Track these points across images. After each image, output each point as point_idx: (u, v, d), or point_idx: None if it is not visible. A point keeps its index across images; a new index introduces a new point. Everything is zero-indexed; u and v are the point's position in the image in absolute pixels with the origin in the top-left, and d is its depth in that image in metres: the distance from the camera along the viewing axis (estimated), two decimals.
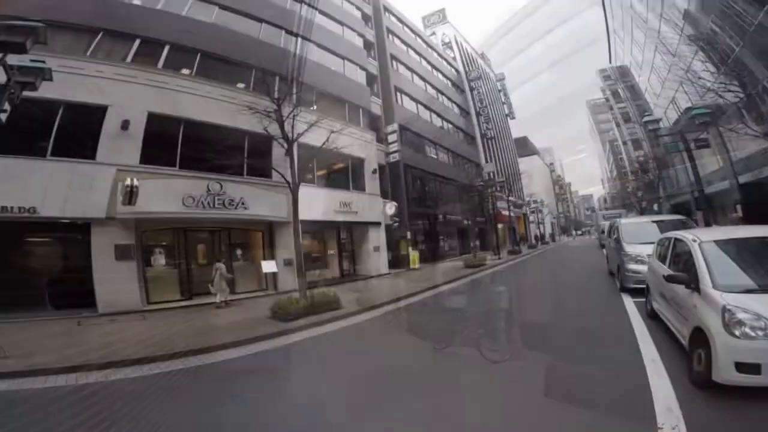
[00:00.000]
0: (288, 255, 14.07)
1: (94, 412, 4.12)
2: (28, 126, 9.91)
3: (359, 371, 5.35)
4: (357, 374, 5.22)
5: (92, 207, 10.43)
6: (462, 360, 5.35)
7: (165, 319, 9.42)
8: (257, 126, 10.04)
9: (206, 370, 5.81)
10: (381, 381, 4.84)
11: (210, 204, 12.01)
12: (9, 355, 5.85)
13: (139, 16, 13.15)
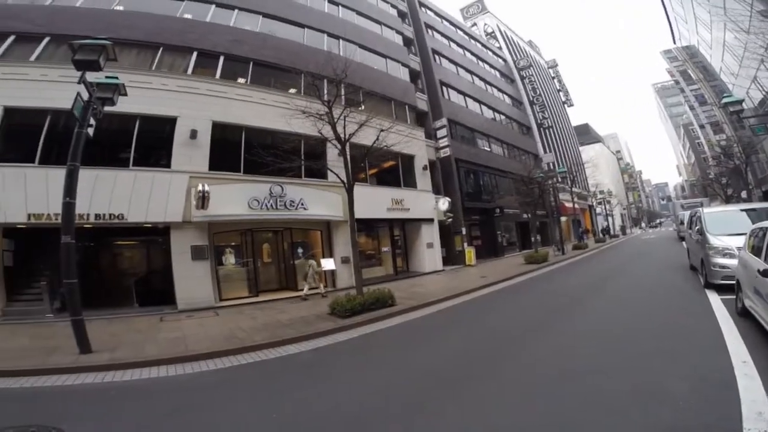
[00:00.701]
0: (345, 253, 14.53)
1: (167, 405, 4.55)
2: (112, 139, 11.20)
3: (413, 368, 5.40)
4: (411, 371, 5.27)
5: (170, 212, 11.41)
6: (521, 362, 5.21)
7: (234, 315, 10.09)
8: (311, 129, 10.39)
9: (271, 364, 6.16)
10: (434, 379, 4.86)
11: (273, 206, 12.72)
12: (96, 350, 6.54)
13: (192, 29, 14.21)
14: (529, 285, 13.30)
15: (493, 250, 24.61)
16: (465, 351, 6.06)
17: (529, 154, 33.99)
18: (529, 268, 16.84)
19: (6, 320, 9.81)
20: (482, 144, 27.56)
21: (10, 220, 10.04)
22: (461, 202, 22.04)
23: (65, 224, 6.68)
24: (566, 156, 44.52)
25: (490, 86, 32.30)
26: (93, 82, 7.01)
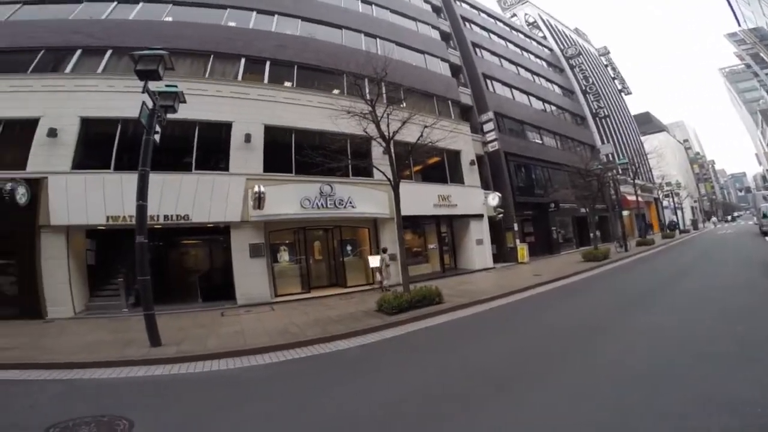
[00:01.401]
0: (391, 250, 14.57)
1: (224, 397, 4.80)
2: (175, 145, 12.02)
3: (460, 367, 5.33)
4: (457, 369, 5.20)
5: (230, 212, 12.08)
6: (577, 364, 4.95)
7: (288, 311, 10.50)
8: (357, 128, 10.55)
9: (321, 359, 6.35)
10: (481, 378, 4.75)
11: (323, 204, 13.07)
12: (165, 343, 7.07)
13: (238, 36, 14.95)
14: (588, 284, 12.62)
15: (547, 246, 23.54)
16: (517, 351, 5.89)
17: (584, 146, 32.15)
18: (588, 266, 15.94)
19: (89, 314, 10.88)
20: (532, 136, 26.40)
21: (92, 222, 11.10)
22: (512, 197, 21.30)
23: (139, 225, 7.29)
24: (626, 146, 41.58)
25: (537, 77, 30.93)
26: (155, 90, 7.57)
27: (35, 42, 12.73)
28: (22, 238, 10.50)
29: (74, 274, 11.03)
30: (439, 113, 16.84)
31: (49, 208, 10.58)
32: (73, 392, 4.99)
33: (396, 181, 10.23)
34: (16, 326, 9.10)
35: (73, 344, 7.36)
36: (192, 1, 15.52)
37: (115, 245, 12.45)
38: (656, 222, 44.24)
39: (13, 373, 5.74)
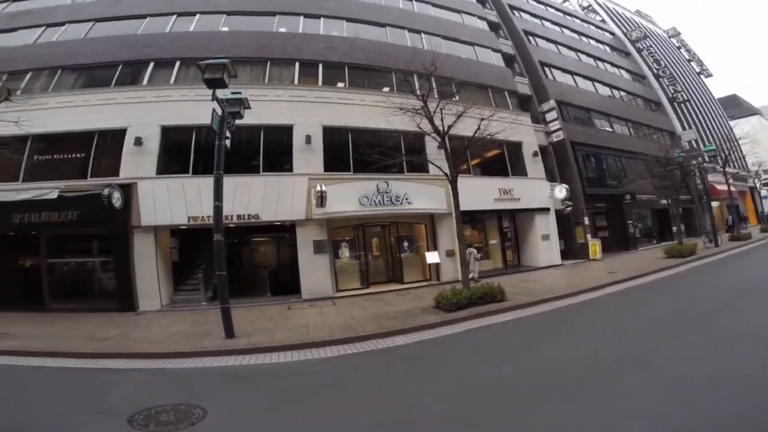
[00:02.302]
0: (449, 246, 14.39)
1: (289, 388, 5.07)
2: (244, 149, 12.84)
3: (522, 367, 5.12)
4: (519, 370, 5.00)
5: (295, 211, 12.68)
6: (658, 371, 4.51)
7: (348, 306, 10.77)
8: (410, 124, 10.52)
9: (378, 354, 6.46)
10: (545, 380, 4.51)
11: (380, 201, 13.25)
12: (238, 335, 7.59)
13: (290, 41, 15.58)
14: (672, 282, 11.47)
15: (622, 241, 21.68)
16: (585, 353, 5.51)
17: (662, 132, 29.23)
18: (671, 263, 14.45)
19: (173, 307, 12.01)
20: (601, 124, 24.45)
21: (176, 222, 12.24)
22: (582, 189, 19.88)
23: (216, 224, 7.92)
24: (712, 132, 36.94)
25: (600, 62, 28.73)
26: (222, 98, 8.15)
27: (114, 57, 14.36)
28: (119, 238, 11.87)
29: (161, 270, 12.22)
30: (496, 105, 16.25)
31: (139, 211, 11.83)
32: (157, 381, 5.51)
33: (453, 176, 10.04)
34: (113, 318, 10.30)
35: (159, 335, 8.15)
36: (243, 10, 16.57)
37: (195, 243, 13.69)
38: (752, 214, 38.86)
39: (108, 361, 6.46)
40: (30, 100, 11.59)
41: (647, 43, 34.92)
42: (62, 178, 12.08)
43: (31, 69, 14.18)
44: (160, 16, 16.03)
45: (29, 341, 7.54)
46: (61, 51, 14.64)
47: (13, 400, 4.77)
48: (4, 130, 9.63)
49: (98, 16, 16.06)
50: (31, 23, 15.99)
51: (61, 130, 12.45)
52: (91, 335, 8.09)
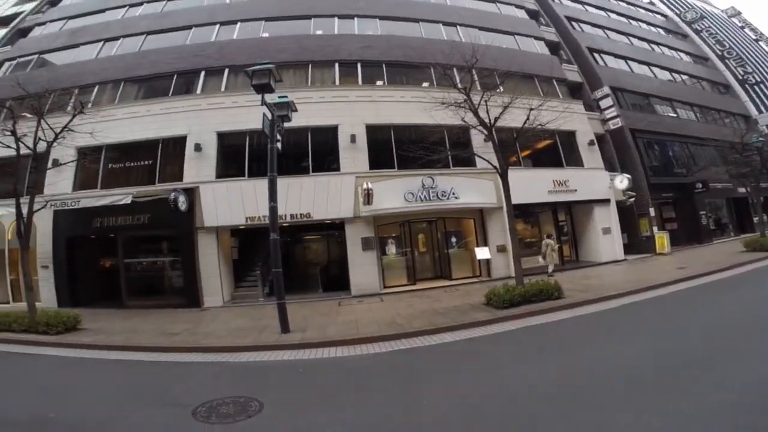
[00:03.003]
0: (500, 241, 13.96)
1: (339, 383, 5.19)
2: (294, 151, 13.29)
3: (580, 368, 4.86)
4: (577, 371, 4.75)
5: (344, 209, 12.95)
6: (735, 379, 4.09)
7: (395, 302, 10.82)
8: (453, 118, 10.33)
9: (426, 351, 6.42)
10: (600, 383, 4.25)
11: (426, 197, 13.17)
12: (292, 330, 7.89)
13: (327, 43, 15.96)
14: (754, 278, 10.31)
15: (694, 234, 19.80)
16: (649, 355, 5.11)
17: (735, 116, 26.54)
18: (752, 257, 13.02)
19: (233, 303, 12.73)
20: (662, 110, 22.54)
21: (235, 223, 12.96)
22: (646, 179, 18.42)
23: (272, 223, 8.28)
24: None
25: (656, 45, 26.53)
26: (271, 102, 8.48)
27: (169, 68, 15.46)
28: (185, 239, 12.78)
29: (223, 268, 13.01)
30: (544, 94, 15.51)
31: (202, 213, 12.65)
32: (219, 374, 5.84)
33: (503, 168, 9.73)
34: (181, 313, 11.13)
35: (222, 330, 8.65)
36: (280, 16, 17.22)
37: (252, 242, 14.45)
38: None
39: (177, 355, 6.97)
40: (100, 112, 12.89)
41: (705, 23, 32.00)
42: (134, 184, 13.26)
43: (97, 83, 15.63)
44: (204, 26, 17.12)
45: (110, 336, 8.30)
46: (122, 64, 16.02)
47: (94, 390, 5.30)
48: (81, 141, 10.68)
49: (149, 29, 17.43)
50: (91, 39, 17.66)
51: (129, 140, 13.63)
52: (162, 330, 8.77)
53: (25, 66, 17.44)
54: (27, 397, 4.86)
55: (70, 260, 13.07)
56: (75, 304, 12.18)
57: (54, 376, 6.12)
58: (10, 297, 13.88)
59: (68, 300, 12.56)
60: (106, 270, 14.39)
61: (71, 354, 7.26)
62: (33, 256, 11.35)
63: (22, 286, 10.16)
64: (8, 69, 17.68)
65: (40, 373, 6.26)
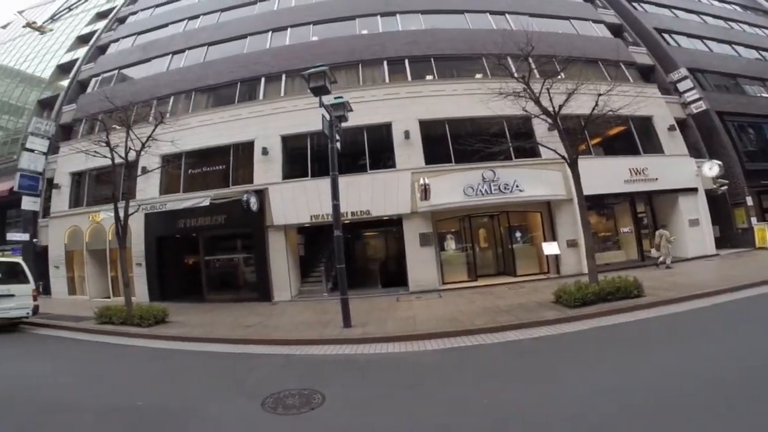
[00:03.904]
0: (570, 235, 13.13)
1: (398, 378, 5.20)
2: (351, 150, 13.58)
3: (664, 372, 4.40)
4: (660, 376, 4.30)
5: (401, 205, 13.00)
6: None
7: (455, 299, 10.60)
8: (511, 109, 9.95)
9: (489, 349, 6.21)
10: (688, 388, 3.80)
11: (487, 191, 12.76)
12: (354, 325, 8.06)
13: (373, 42, 16.11)
14: None
15: None
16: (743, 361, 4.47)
17: None
18: None
19: (300, 298, 13.33)
20: (754, 90, 19.67)
21: (300, 221, 13.55)
22: (740, 165, 16.22)
23: (335, 220, 8.56)
24: None
25: (734, 23, 23.27)
26: (328, 104, 8.73)
27: (232, 76, 16.48)
28: (257, 237, 13.63)
29: (291, 264, 13.68)
30: (612, 78, 14.27)
31: (271, 212, 13.41)
32: (287, 366, 6.12)
33: (572, 158, 9.13)
34: (254, 307, 11.86)
35: (289, 323, 9.08)
36: (325, 18, 17.70)
37: (316, 239, 15.04)
38: None
39: (250, 347, 7.40)
40: (178, 121, 14.20)
41: None
42: (211, 187, 14.42)
43: (171, 94, 17.12)
44: (258, 34, 18.03)
45: (192, 328, 9.06)
46: (190, 75, 17.38)
47: (178, 380, 5.83)
48: (164, 149, 11.82)
49: (209, 40, 18.72)
50: (160, 53, 19.31)
51: (204, 146, 14.85)
52: (237, 323, 9.43)
53: (109, 81, 19.57)
54: (120, 386, 5.43)
55: (159, 258, 14.58)
56: (163, 298, 13.59)
57: (144, 366, 6.78)
58: (110, 292, 15.89)
59: (158, 294, 14.05)
60: (189, 267, 15.83)
61: (160, 345, 8.02)
62: (129, 255, 12.73)
63: (120, 282, 11.49)
64: (95, 85, 19.98)
65: (133, 363, 6.95)
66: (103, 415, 4.25)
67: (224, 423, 3.98)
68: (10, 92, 24.81)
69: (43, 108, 21.55)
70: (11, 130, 22.96)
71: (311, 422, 3.92)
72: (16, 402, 4.68)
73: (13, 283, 9.90)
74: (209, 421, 4.01)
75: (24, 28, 24.91)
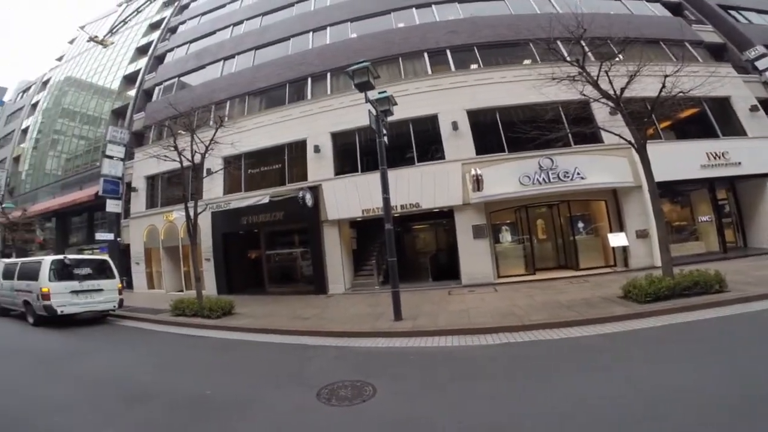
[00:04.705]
0: (641, 225, 12.14)
1: (451, 372, 5.10)
2: (398, 143, 13.58)
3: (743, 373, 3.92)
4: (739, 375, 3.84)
5: (452, 197, 12.78)
6: None
7: (511, 293, 10.23)
8: (567, 94, 9.39)
9: (548, 345, 5.93)
10: None
11: (545, 179, 12.13)
12: (404, 318, 8.06)
13: (411, 34, 15.92)
14: None
15: None
16: None
17: None
18: None
19: (353, 291, 13.61)
20: None
21: (352, 215, 13.81)
22: None
23: (386, 214, 8.65)
24: None
25: None
26: (373, 99, 8.78)
27: (280, 78, 17.05)
28: (313, 231, 14.12)
29: (344, 257, 14.03)
30: (677, 59, 12.87)
31: (325, 207, 13.82)
32: (341, 357, 6.25)
33: (640, 142, 8.45)
34: (310, 300, 12.31)
35: (343, 316, 9.31)
36: (362, 15, 17.72)
37: (368, 233, 15.27)
38: None
39: (307, 338, 7.65)
40: (236, 124, 15.01)
41: None
42: (269, 185, 15.15)
43: (227, 98, 18.06)
44: (300, 35, 18.48)
45: (255, 320, 9.56)
46: (243, 79, 18.22)
47: (243, 370, 6.16)
48: (225, 151, 12.58)
49: (255, 45, 19.46)
50: (212, 59, 20.39)
51: (261, 147, 15.58)
52: (295, 315, 9.82)
53: (170, 89, 21.10)
54: (192, 376, 5.84)
55: (226, 253, 15.61)
56: (230, 291, 14.54)
57: (212, 356, 7.21)
58: (183, 285, 17.28)
59: (225, 287, 15.05)
60: (252, 261, 16.77)
61: (226, 336, 8.54)
62: (199, 251, 13.73)
63: (192, 276, 12.44)
64: (159, 93, 21.63)
65: (203, 354, 7.42)
66: (177, 403, 4.59)
67: (282, 413, 4.15)
68: (86, 104, 27.54)
69: (117, 117, 23.74)
70: (92, 139, 25.52)
71: (362, 414, 3.98)
72: (105, 391, 5.17)
73: (102, 278, 10.99)
74: (269, 412, 4.19)
75: (88, 42, 27.32)
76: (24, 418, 4.26)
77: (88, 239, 22.89)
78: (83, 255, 16.07)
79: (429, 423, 3.68)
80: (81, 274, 10.61)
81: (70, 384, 5.48)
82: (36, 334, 9.46)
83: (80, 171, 24.65)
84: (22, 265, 11.51)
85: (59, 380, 5.67)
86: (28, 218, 23.65)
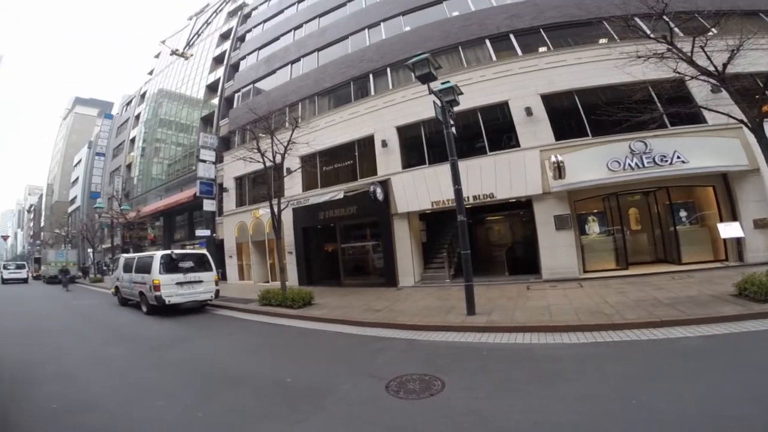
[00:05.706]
0: (759, 214, 10.40)
1: (529, 371, 4.81)
2: (468, 133, 13.19)
3: None
4: None
5: (530, 186, 12.06)
6: None
7: (600, 289, 9.37)
8: (656, 72, 8.48)
9: (644, 346, 5.35)
10: None
11: (638, 164, 10.89)
12: (478, 312, 7.82)
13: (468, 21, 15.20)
14: None
15: None
16: None
17: None
18: None
19: (423, 284, 13.54)
20: None
21: (422, 208, 13.76)
22: None
23: (458, 205, 8.47)
24: None
25: None
26: (436, 90, 8.59)
27: (344, 77, 17.47)
28: (384, 225, 14.36)
29: (414, 250, 14.07)
30: None
31: (395, 200, 13.99)
32: (410, 350, 6.25)
33: (755, 121, 7.30)
34: (382, 292, 12.51)
35: (413, 309, 9.28)
36: (414, 7, 17.21)
37: (437, 225, 15.12)
38: None
39: (378, 330, 7.78)
40: (309, 124, 15.71)
41: None
42: (342, 181, 15.73)
43: (298, 100, 18.98)
44: (356, 33, 18.59)
45: (331, 310, 9.97)
46: (310, 81, 18.95)
47: (321, 359, 6.41)
48: (302, 150, 13.28)
49: (316, 46, 20.02)
50: (280, 64, 21.40)
51: (333, 145, 16.24)
52: (367, 307, 10.05)
53: (248, 95, 22.73)
54: (276, 363, 6.23)
55: (305, 247, 16.56)
56: (309, 282, 15.38)
57: (294, 344, 7.62)
58: (269, 277, 18.69)
59: (305, 279, 15.98)
60: (328, 254, 17.56)
61: (306, 325, 9.02)
62: (283, 245, 14.69)
63: (276, 268, 13.38)
64: (238, 100, 23.39)
65: (286, 342, 7.86)
66: (262, 389, 4.91)
67: (353, 404, 4.23)
68: (179, 113, 30.87)
69: (206, 124, 26.32)
70: (187, 145, 28.60)
71: (429, 408, 3.93)
72: (200, 375, 5.69)
73: (201, 271, 12.18)
74: (341, 403, 4.28)
75: (171, 56, 30.30)
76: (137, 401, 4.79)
77: (189, 235, 25.87)
78: (186, 250, 18.15)
79: (498, 424, 3.50)
80: (185, 267, 11.82)
81: (173, 369, 6.11)
82: (148, 322, 10.70)
83: (180, 174, 27.91)
84: (138, 259, 13.25)
85: (164, 365, 6.32)
86: (141, 218, 27.51)
